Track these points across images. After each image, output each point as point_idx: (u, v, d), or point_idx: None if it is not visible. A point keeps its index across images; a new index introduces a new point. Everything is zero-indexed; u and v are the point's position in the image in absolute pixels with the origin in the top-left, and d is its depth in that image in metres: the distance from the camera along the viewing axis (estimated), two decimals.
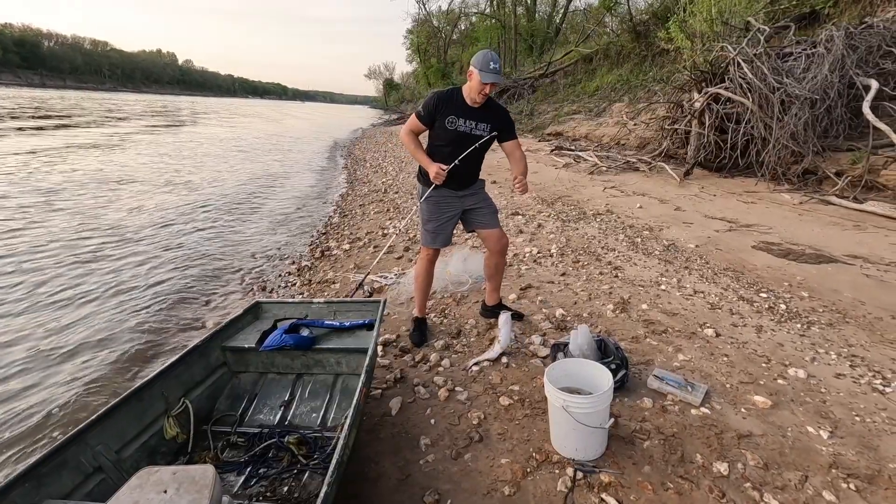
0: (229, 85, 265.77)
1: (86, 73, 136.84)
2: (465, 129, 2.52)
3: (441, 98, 2.52)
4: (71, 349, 3.17)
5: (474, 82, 2.40)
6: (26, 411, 2.57)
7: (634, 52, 15.77)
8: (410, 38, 49.93)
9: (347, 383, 2.34)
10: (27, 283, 4.09)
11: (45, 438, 2.37)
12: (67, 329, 3.42)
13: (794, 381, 2.47)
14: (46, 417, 2.52)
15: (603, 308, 3.31)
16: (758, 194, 6.66)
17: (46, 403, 2.63)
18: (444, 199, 2.71)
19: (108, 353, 3.13)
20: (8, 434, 2.40)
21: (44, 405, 2.61)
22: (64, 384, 2.80)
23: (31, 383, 2.81)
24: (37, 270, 4.38)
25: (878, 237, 4.71)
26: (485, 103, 2.51)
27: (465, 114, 2.51)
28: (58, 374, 2.90)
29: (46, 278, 4.22)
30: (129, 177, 9.12)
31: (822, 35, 7.06)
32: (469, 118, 2.51)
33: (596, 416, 1.86)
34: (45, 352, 3.13)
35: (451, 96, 2.52)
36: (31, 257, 4.68)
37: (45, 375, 2.89)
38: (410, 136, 2.66)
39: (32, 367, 2.96)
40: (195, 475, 1.36)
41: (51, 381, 2.84)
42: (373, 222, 5.99)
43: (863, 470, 1.87)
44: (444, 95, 2.53)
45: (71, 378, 2.86)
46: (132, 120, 25.07)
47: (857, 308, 3.32)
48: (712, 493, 1.76)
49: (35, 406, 2.61)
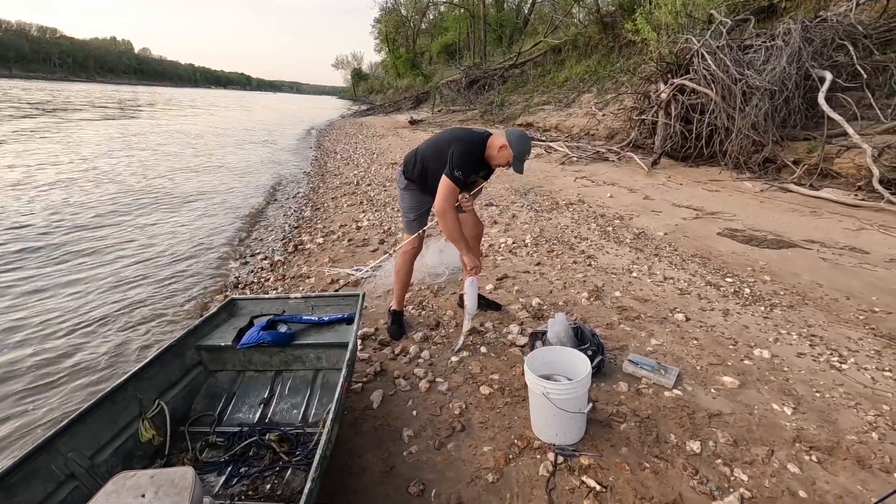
0: (190, 75, 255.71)
1: (34, 62, 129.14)
2: (472, 181, 2.56)
3: (477, 156, 2.47)
4: (32, 352, 3.03)
5: (502, 159, 2.45)
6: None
7: (602, 43, 15.97)
8: (378, 27, 49.19)
9: (328, 378, 2.32)
10: None
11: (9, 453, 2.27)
12: (28, 330, 3.26)
13: (760, 361, 2.59)
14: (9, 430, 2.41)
15: (578, 296, 3.38)
16: (721, 182, 6.90)
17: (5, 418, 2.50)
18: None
19: (76, 358, 3.00)
20: None
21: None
22: (29, 391, 2.67)
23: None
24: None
25: (832, 222, 4.96)
26: None
27: (480, 169, 2.54)
28: (17, 383, 2.76)
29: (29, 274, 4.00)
30: (89, 169, 8.69)
31: (781, 28, 7.33)
32: (480, 173, 2.58)
33: (575, 401, 1.91)
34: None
35: (478, 154, 2.47)
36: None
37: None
38: (455, 217, 2.45)
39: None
40: (174, 477, 1.33)
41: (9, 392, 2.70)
42: (346, 215, 5.91)
43: (823, 442, 1.99)
44: (477, 154, 2.46)
45: (37, 384, 2.73)
46: (87, 111, 23.83)
47: (815, 290, 3.50)
48: (686, 471, 1.83)
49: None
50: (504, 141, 2.42)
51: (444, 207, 2.39)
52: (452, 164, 2.37)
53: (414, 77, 37.26)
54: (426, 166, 2.59)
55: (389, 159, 10.29)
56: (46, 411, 2.52)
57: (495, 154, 2.46)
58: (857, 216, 5.08)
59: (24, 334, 3.23)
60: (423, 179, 2.63)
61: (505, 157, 2.43)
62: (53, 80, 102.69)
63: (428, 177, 2.59)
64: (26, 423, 2.44)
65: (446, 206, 2.39)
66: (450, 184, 2.38)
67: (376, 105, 36.39)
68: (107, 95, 45.18)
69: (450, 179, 2.37)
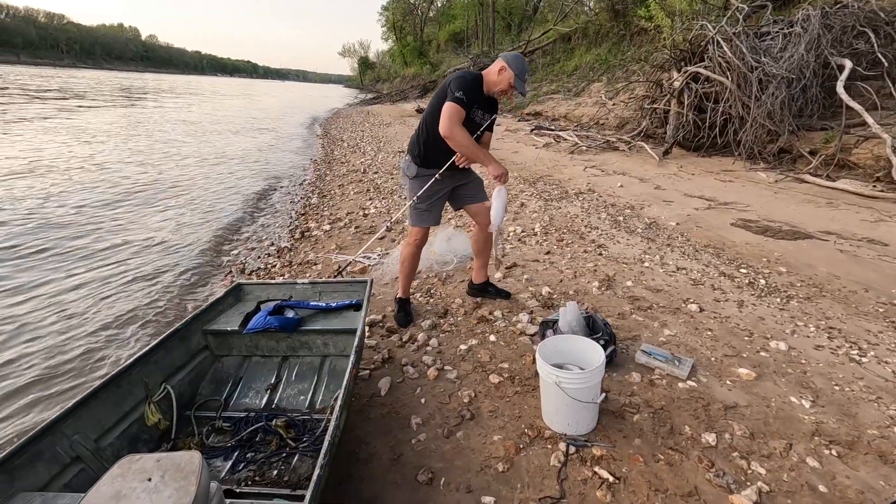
0: (197, 62, 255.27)
1: (41, 49, 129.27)
2: (479, 121, 2.47)
3: (477, 87, 2.39)
4: (41, 335, 3.02)
5: (503, 81, 2.36)
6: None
7: (613, 31, 15.71)
8: (385, 14, 48.77)
9: (335, 365, 2.28)
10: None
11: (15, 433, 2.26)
12: (37, 316, 3.26)
13: (776, 353, 2.53)
14: (14, 410, 2.40)
15: (588, 285, 3.33)
16: (734, 173, 6.78)
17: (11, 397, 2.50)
18: (436, 179, 2.62)
19: (81, 340, 2.99)
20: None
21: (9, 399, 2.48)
22: (38, 367, 2.67)
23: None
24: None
25: (849, 214, 4.85)
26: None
27: (482, 104, 2.45)
28: (32, 359, 2.76)
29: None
30: (102, 158, 8.69)
31: (799, 14, 7.14)
32: (484, 109, 2.48)
33: (588, 391, 1.86)
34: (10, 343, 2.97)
35: (479, 86, 2.41)
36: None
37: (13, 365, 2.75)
38: (463, 130, 2.32)
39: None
40: (180, 462, 1.30)
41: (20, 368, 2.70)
42: (353, 203, 5.86)
43: (843, 437, 1.93)
44: (477, 85, 2.39)
45: (43, 367, 2.72)
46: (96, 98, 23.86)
47: (833, 282, 3.42)
48: (702, 463, 1.79)
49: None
50: (502, 63, 2.35)
51: (449, 126, 2.26)
52: (453, 90, 2.27)
53: (421, 65, 36.98)
54: (430, 134, 2.47)
55: (396, 147, 10.21)
56: (55, 392, 2.52)
57: (495, 79, 2.38)
58: (876, 207, 4.96)
59: (35, 314, 3.23)
60: (430, 149, 2.50)
61: (506, 78, 2.35)
62: (61, 67, 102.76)
63: (438, 144, 2.44)
64: (33, 405, 2.43)
65: (451, 125, 2.26)
66: (453, 105, 2.25)
67: (383, 94, 36.15)
68: (117, 82, 45.21)
69: (453, 101, 2.25)
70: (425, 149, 2.54)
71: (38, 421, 2.30)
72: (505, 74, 2.36)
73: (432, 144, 2.49)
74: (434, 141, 2.44)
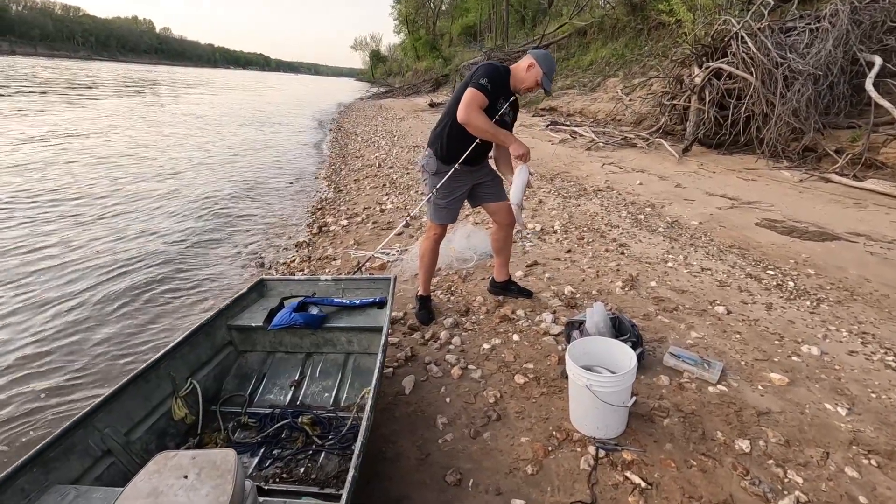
0: (210, 55, 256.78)
1: (58, 41, 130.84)
2: (503, 114, 2.42)
3: (503, 78, 2.36)
4: (61, 329, 3.05)
5: (531, 78, 2.34)
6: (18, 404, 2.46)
7: (630, 25, 15.44)
8: (398, 7, 48.56)
9: (359, 362, 2.27)
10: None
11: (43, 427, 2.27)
12: (59, 306, 3.29)
13: (808, 358, 2.46)
14: (43, 403, 2.42)
15: (612, 285, 3.27)
16: (757, 171, 6.64)
17: (39, 392, 2.52)
18: (457, 175, 2.58)
19: (105, 334, 3.01)
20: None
21: (39, 393, 2.51)
22: (59, 368, 2.69)
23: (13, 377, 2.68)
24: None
25: (878, 215, 4.73)
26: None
27: (507, 98, 2.42)
28: (52, 355, 2.78)
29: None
30: (113, 153, 8.78)
31: (827, 9, 6.94)
32: (509, 104, 2.44)
33: (619, 394, 1.83)
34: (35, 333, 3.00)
35: (505, 78, 2.38)
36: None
37: (39, 359, 2.77)
38: (482, 114, 2.26)
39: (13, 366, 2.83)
40: (216, 459, 1.29)
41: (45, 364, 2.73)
42: (369, 198, 5.85)
43: (882, 446, 1.88)
44: (503, 77, 2.36)
45: (64, 361, 2.75)
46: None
47: (864, 285, 3.33)
48: (736, 470, 1.74)
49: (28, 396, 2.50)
50: (531, 60, 2.33)
51: (467, 112, 2.20)
52: (478, 77, 2.24)
53: (433, 59, 36.79)
54: (454, 125, 2.39)
55: (411, 142, 10.15)
56: (80, 385, 2.54)
57: (523, 75, 2.36)
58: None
59: (64, 291, 3.26)
60: (454, 139, 2.44)
61: (534, 75, 2.33)
62: (76, 59, 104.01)
63: (462, 134, 2.38)
64: (60, 396, 2.45)
65: (469, 111, 2.20)
66: (474, 91, 2.20)
67: (395, 87, 36.04)
68: (136, 75, 45.67)
69: (475, 87, 2.20)
70: (448, 140, 2.46)
71: (69, 413, 2.31)
72: (533, 71, 2.33)
73: (456, 135, 2.42)
74: (458, 132, 2.38)
